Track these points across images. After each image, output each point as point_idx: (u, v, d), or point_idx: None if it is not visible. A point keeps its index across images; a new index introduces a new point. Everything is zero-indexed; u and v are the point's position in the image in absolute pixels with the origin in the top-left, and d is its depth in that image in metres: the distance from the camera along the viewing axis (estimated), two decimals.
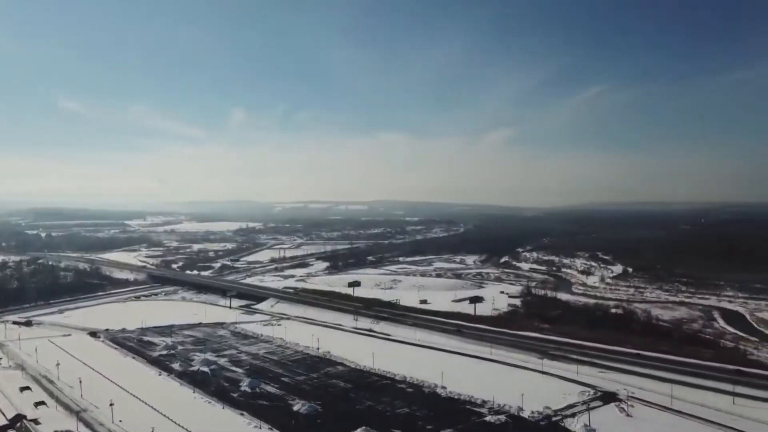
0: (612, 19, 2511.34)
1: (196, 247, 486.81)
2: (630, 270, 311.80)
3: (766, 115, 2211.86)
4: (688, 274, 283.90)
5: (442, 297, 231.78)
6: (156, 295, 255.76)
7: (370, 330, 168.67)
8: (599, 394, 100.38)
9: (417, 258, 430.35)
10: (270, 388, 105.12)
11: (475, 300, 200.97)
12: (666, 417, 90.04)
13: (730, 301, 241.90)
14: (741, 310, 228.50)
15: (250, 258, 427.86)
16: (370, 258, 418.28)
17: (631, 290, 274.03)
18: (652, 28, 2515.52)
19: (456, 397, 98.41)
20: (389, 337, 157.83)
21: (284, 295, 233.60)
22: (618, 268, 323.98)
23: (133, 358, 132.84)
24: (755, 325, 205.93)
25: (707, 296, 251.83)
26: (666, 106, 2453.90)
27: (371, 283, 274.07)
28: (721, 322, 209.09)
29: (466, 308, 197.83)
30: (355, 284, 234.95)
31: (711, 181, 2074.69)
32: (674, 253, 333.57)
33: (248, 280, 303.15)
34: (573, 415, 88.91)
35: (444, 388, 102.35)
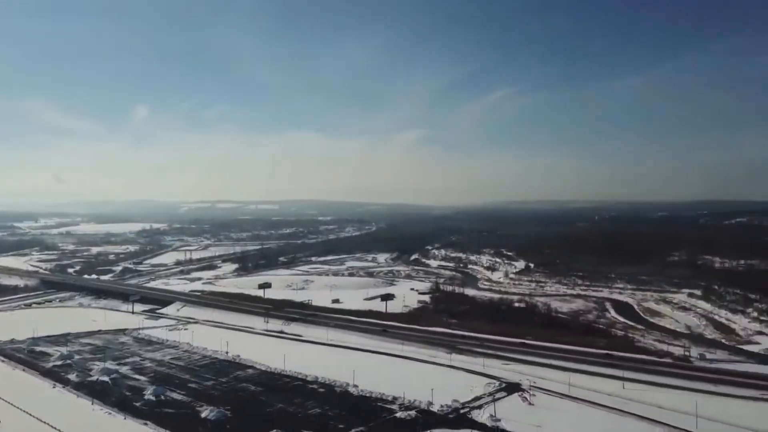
0: (518, 25, 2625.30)
1: (95, 250, 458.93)
2: (532, 265, 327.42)
3: (653, 119, 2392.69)
4: (583, 268, 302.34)
5: (355, 296, 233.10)
6: (50, 302, 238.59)
7: (282, 332, 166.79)
8: (504, 385, 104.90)
9: (330, 257, 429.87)
10: (176, 396, 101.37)
11: (386, 298, 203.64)
12: (564, 404, 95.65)
13: (620, 293, 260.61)
14: (630, 300, 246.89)
15: (155, 261, 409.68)
16: (281, 258, 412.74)
17: (533, 284, 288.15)
18: (554, 35, 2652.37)
19: (367, 395, 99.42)
20: (301, 338, 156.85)
21: (191, 299, 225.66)
22: (521, 264, 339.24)
23: (24, 370, 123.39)
24: (641, 314, 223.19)
25: (600, 288, 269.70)
26: (566, 110, 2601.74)
27: (283, 284, 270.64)
28: (613, 313, 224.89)
29: (378, 306, 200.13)
30: (265, 285, 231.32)
31: (604, 181, 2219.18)
32: (571, 249, 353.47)
33: (152, 284, 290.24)
34: (480, 406, 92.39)
35: (356, 386, 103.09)
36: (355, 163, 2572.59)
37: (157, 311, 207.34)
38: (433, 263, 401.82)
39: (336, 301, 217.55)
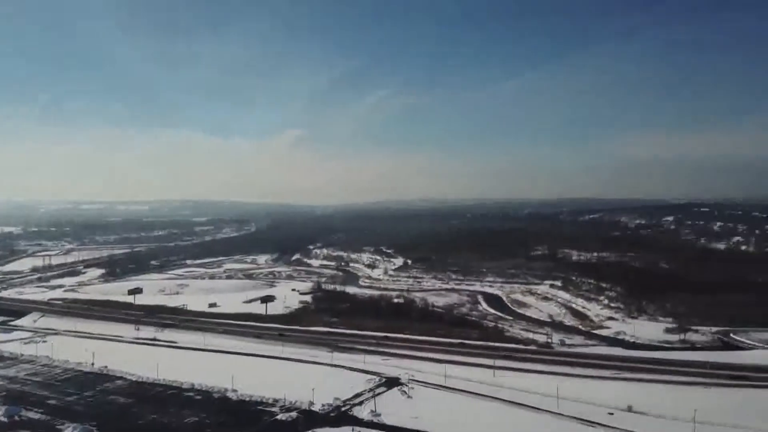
0: (397, 26, 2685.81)
1: None
2: (410, 262, 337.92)
3: (524, 122, 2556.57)
4: (457, 263, 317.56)
5: (233, 299, 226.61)
6: None
7: (155, 339, 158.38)
8: (384, 380, 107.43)
9: (206, 260, 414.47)
10: (33, 414, 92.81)
11: (267, 299, 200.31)
12: (441, 394, 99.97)
13: (490, 286, 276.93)
14: (499, 293, 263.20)
15: (6, 268, 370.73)
16: (153, 262, 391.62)
17: (411, 280, 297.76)
18: (432, 37, 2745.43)
19: (247, 399, 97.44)
20: (175, 345, 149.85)
21: (50, 308, 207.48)
22: (400, 261, 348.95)
23: None
24: (510, 305, 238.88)
25: (473, 282, 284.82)
26: (443, 111, 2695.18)
27: (155, 289, 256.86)
28: (484, 305, 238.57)
29: (258, 309, 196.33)
30: (136, 291, 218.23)
31: (478, 180, 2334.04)
32: (447, 245, 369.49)
33: (4, 294, 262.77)
34: (361, 402, 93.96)
35: (235, 391, 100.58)
36: (233, 162, 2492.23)
37: (10, 323, 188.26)
38: (315, 263, 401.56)
39: (213, 305, 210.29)
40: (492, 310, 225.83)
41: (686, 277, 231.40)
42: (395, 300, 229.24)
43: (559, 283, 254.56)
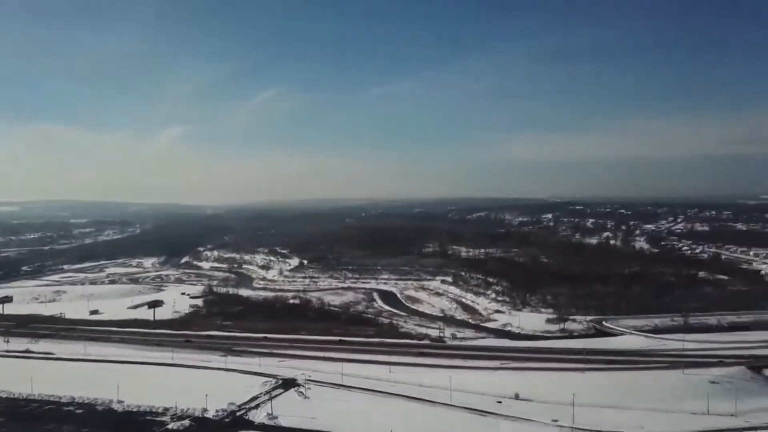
0: (289, 23, 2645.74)
1: None
2: (305, 262, 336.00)
3: (415, 123, 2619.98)
4: (353, 262, 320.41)
5: (117, 305, 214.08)
6: None
7: (27, 351, 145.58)
8: (280, 382, 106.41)
9: (86, 264, 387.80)
10: None
11: (154, 304, 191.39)
12: (338, 393, 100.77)
13: (385, 283, 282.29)
14: (393, 290, 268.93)
15: None
16: (25, 268, 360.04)
17: (307, 280, 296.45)
18: (323, 37, 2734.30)
19: (135, 410, 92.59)
20: (53, 357, 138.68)
21: None
22: (295, 261, 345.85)
23: None
24: (404, 301, 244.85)
25: (368, 280, 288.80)
26: (337, 111, 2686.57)
27: (28, 297, 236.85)
28: (380, 302, 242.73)
29: (145, 314, 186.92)
30: (5, 300, 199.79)
31: (372, 179, 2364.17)
32: (342, 244, 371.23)
33: None
34: (257, 406, 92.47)
35: (121, 402, 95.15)
36: (114, 159, 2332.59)
37: None
38: (206, 265, 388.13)
39: (95, 312, 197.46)
40: (387, 307, 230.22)
41: (564, 270, 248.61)
42: (291, 301, 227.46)
43: (449, 279, 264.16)
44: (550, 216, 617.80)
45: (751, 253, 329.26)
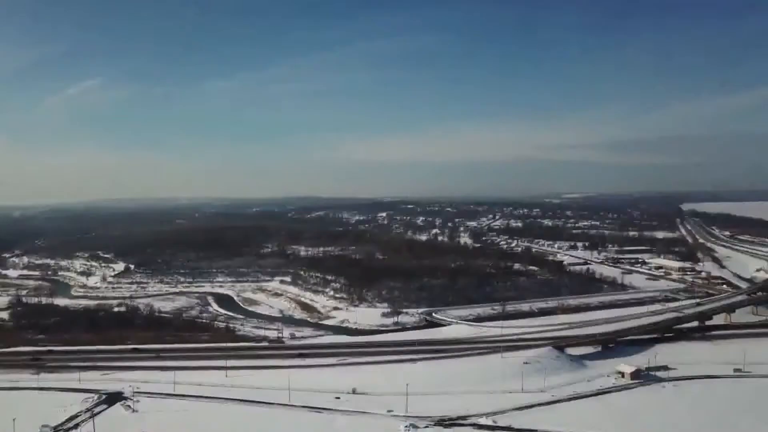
0: (108, 12, 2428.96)
1: None
2: (132, 266, 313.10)
3: (244, 122, 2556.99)
4: (186, 265, 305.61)
5: None
6: None
7: None
8: (104, 397, 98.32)
9: None
10: None
11: None
12: (170, 403, 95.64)
13: (221, 286, 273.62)
14: (230, 292, 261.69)
15: None
16: None
17: (134, 286, 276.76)
18: (145, 29, 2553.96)
19: None
20: None
21: None
22: (120, 266, 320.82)
23: None
24: (241, 304, 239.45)
25: (203, 284, 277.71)
26: (159, 107, 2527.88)
27: None
28: (215, 306, 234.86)
29: None
30: None
31: (204, 179, 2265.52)
32: (174, 247, 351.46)
33: None
34: (76, 426, 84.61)
35: None
36: None
37: None
38: (13, 273, 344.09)
39: None
40: (223, 311, 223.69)
41: (398, 265, 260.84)
42: (116, 309, 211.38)
43: (288, 279, 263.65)
44: (384, 214, 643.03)
45: (556, 245, 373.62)
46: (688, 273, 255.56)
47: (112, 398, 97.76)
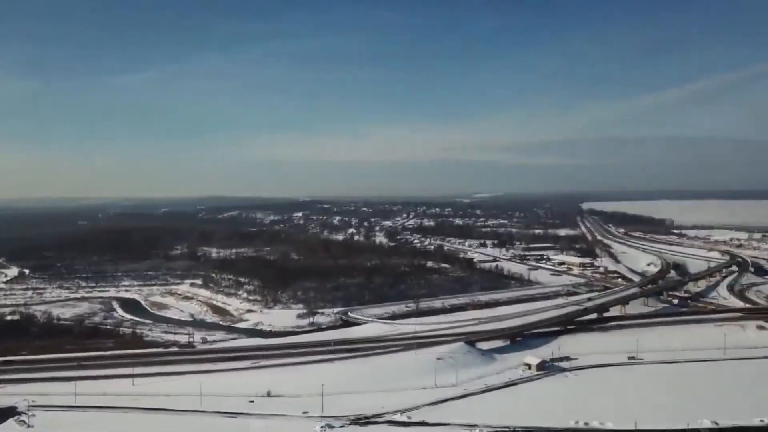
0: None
1: None
2: (27, 271, 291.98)
3: (163, 117, 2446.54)
4: (88, 269, 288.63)
5: None
6: None
7: None
8: None
9: None
10: None
11: None
12: (70, 416, 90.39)
13: (126, 290, 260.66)
14: (137, 296, 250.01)
15: None
16: None
17: (29, 292, 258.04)
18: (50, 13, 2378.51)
19: None
20: None
21: None
22: (13, 271, 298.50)
23: None
24: (149, 308, 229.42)
25: (107, 288, 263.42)
26: (68, 100, 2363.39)
27: None
28: (120, 311, 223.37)
29: None
30: None
31: (110, 177, 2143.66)
32: (74, 250, 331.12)
33: None
34: None
35: None
36: None
37: None
38: None
39: None
40: (129, 316, 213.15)
41: (313, 266, 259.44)
42: (9, 317, 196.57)
43: (199, 282, 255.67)
44: (300, 214, 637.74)
45: (466, 243, 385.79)
46: (588, 268, 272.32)
47: (5, 413, 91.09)
